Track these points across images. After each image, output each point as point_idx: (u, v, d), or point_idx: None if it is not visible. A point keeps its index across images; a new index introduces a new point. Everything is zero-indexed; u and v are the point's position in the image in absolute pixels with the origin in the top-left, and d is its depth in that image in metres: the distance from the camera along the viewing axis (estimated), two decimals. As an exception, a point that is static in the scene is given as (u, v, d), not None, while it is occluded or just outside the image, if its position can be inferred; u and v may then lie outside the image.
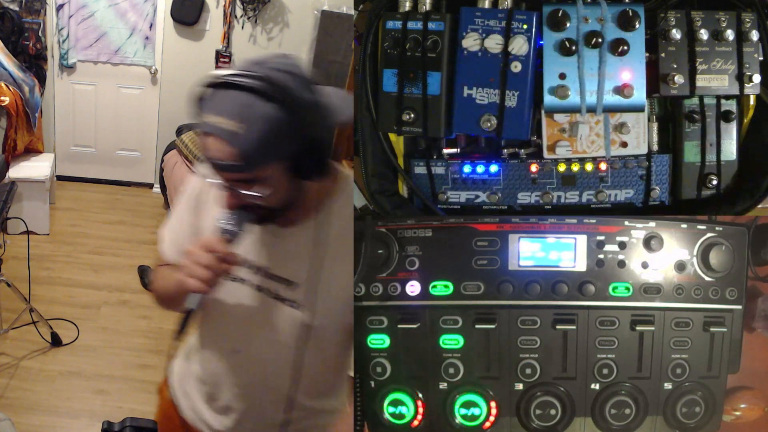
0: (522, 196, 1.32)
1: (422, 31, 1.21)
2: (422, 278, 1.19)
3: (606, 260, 1.17)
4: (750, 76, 1.20)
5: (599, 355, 1.18)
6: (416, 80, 1.23)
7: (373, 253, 1.18)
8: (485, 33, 1.19)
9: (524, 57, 1.18)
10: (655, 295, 1.17)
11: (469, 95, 1.21)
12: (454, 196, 1.33)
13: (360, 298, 1.20)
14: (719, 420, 1.22)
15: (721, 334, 1.18)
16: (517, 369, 1.18)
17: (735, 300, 1.19)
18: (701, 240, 1.18)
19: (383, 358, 1.21)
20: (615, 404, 1.18)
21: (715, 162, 1.29)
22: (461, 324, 1.18)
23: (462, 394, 1.19)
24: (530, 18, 1.17)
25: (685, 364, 1.19)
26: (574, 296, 1.17)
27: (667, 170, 1.30)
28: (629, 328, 1.17)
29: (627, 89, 1.16)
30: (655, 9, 1.19)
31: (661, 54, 1.20)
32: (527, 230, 1.18)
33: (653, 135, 1.30)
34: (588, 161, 1.30)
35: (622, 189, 1.31)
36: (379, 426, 1.23)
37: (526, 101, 1.19)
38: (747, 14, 1.20)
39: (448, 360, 1.19)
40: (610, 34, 1.16)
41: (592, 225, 1.18)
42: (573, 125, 1.26)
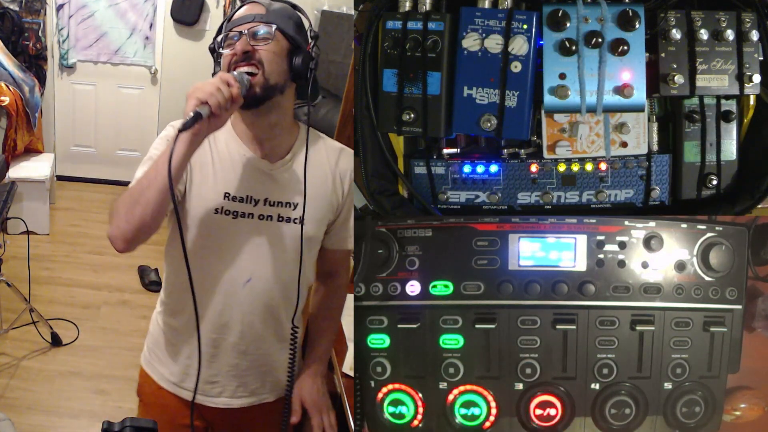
0: (522, 196, 1.32)
1: (422, 31, 1.21)
2: (422, 278, 1.19)
3: (606, 260, 1.17)
4: (750, 76, 1.20)
5: (599, 355, 1.18)
6: (416, 80, 1.23)
7: (373, 253, 1.18)
8: (485, 33, 1.19)
9: (524, 57, 1.18)
10: (655, 295, 1.18)
11: (469, 95, 1.21)
12: (454, 196, 1.34)
13: (360, 298, 1.20)
14: (719, 420, 1.22)
15: (721, 334, 1.18)
16: (517, 369, 1.18)
17: (735, 300, 1.19)
18: (701, 240, 1.18)
19: (383, 358, 1.21)
20: (615, 404, 1.18)
21: (715, 162, 1.29)
22: (461, 324, 1.18)
23: (462, 394, 1.19)
24: (530, 18, 1.17)
25: (685, 364, 1.19)
26: (574, 296, 1.17)
27: (667, 170, 1.30)
28: (629, 328, 1.18)
29: (627, 89, 1.16)
30: (655, 9, 1.19)
31: (661, 54, 1.20)
32: (527, 230, 1.18)
33: (653, 135, 1.30)
34: (588, 161, 1.30)
35: (622, 189, 1.31)
36: (379, 426, 1.23)
37: (526, 101, 1.19)
38: (747, 14, 1.20)
39: (448, 360, 1.19)
40: (610, 34, 1.16)
41: (592, 225, 1.18)
42: (573, 125, 1.26)
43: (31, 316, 3.16)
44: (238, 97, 1.23)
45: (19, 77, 4.36)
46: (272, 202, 1.40)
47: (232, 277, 1.40)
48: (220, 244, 1.38)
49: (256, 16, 1.33)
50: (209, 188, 1.37)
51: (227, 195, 1.37)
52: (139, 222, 1.24)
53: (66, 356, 3.18)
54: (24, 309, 3.15)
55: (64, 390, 2.94)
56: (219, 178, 1.38)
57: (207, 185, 1.37)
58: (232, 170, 1.38)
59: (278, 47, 1.32)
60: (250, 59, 1.29)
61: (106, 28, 5.01)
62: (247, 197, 1.38)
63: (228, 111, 1.22)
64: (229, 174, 1.38)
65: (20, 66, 4.50)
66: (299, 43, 1.35)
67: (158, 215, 1.25)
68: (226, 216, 1.37)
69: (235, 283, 1.41)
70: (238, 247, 1.39)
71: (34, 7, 4.77)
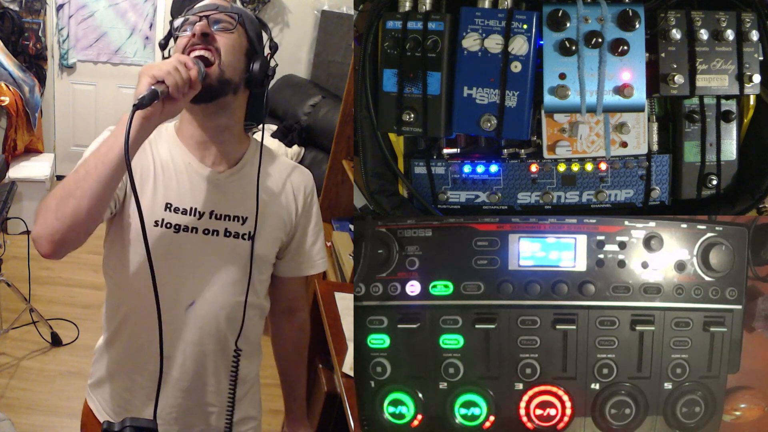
0: (522, 196, 1.32)
1: (422, 31, 1.21)
2: (422, 278, 1.19)
3: (606, 260, 1.17)
4: (750, 76, 1.20)
5: (599, 355, 1.18)
6: (416, 80, 1.23)
7: (373, 253, 1.18)
8: (485, 33, 1.19)
9: (524, 57, 1.18)
10: (655, 295, 1.18)
11: (469, 95, 1.21)
12: (454, 196, 1.34)
13: (360, 298, 1.20)
14: (719, 420, 1.22)
15: (721, 334, 1.18)
16: (517, 369, 1.18)
17: (735, 300, 1.19)
18: (701, 240, 1.18)
19: (383, 358, 1.21)
20: (615, 404, 1.18)
21: (715, 162, 1.29)
22: (461, 324, 1.18)
23: (462, 394, 1.19)
24: (530, 18, 1.17)
25: (685, 364, 1.19)
26: (574, 296, 1.17)
27: (667, 170, 1.30)
28: (629, 328, 1.18)
29: (627, 89, 1.16)
30: (655, 9, 1.19)
31: (661, 54, 1.20)
32: (527, 230, 1.18)
33: (653, 135, 1.30)
34: (588, 161, 1.30)
35: (622, 189, 1.31)
36: (379, 426, 1.23)
37: (526, 101, 1.19)
38: (747, 14, 1.20)
39: (448, 360, 1.19)
40: (610, 34, 1.16)
41: (592, 225, 1.18)
42: (573, 125, 1.26)
43: (31, 316, 3.16)
44: (196, 81, 1.11)
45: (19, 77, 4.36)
46: (219, 215, 1.27)
47: (172, 300, 1.24)
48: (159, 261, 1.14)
49: (219, 6, 1.24)
50: (148, 198, 1.23)
51: (168, 206, 1.24)
52: (71, 218, 1.05)
53: (66, 356, 3.17)
54: (24, 309, 3.15)
55: (64, 390, 2.94)
56: (160, 186, 1.24)
57: (146, 195, 1.23)
58: (174, 178, 1.25)
59: (238, 42, 1.23)
60: (208, 44, 1.19)
61: (106, 28, 5.01)
62: (191, 209, 1.25)
63: (185, 96, 1.09)
64: (172, 182, 1.25)
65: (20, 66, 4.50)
66: (258, 47, 1.28)
67: (95, 211, 1.08)
68: (167, 229, 1.23)
69: (176, 307, 1.26)
70: (179, 266, 1.25)
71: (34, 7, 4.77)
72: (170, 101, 1.07)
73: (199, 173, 1.27)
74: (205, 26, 1.20)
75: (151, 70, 1.05)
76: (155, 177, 1.25)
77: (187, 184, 1.26)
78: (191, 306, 1.27)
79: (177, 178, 1.26)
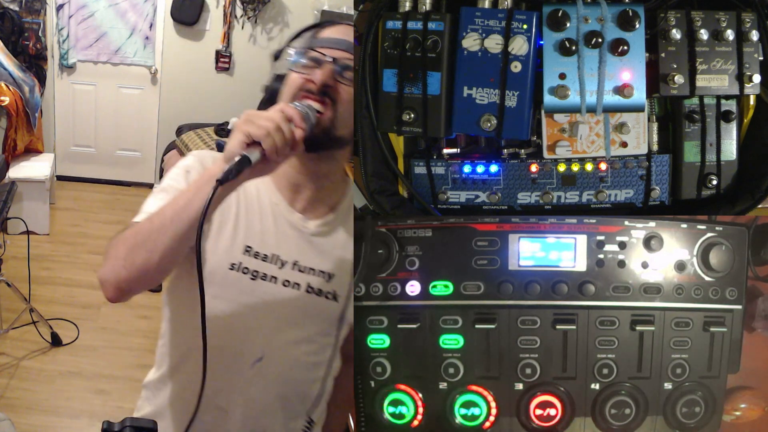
0: (522, 196, 1.32)
1: (422, 31, 1.21)
2: (422, 278, 1.19)
3: (606, 260, 1.17)
4: (750, 76, 1.20)
5: (599, 355, 1.18)
6: (416, 80, 1.23)
7: (373, 253, 1.18)
8: (485, 33, 1.19)
9: (524, 57, 1.18)
10: (655, 295, 1.18)
11: (468, 95, 1.21)
12: (454, 196, 1.34)
13: (360, 298, 1.20)
14: (719, 420, 1.22)
15: (721, 334, 1.18)
16: (517, 369, 1.18)
17: (735, 300, 1.19)
18: (701, 240, 1.18)
19: (383, 358, 1.21)
20: (615, 404, 1.18)
21: (715, 162, 1.29)
22: (461, 324, 1.18)
23: (462, 394, 1.19)
24: (530, 18, 1.17)
25: (685, 364, 1.19)
26: (574, 296, 1.17)
27: (667, 170, 1.30)
28: (629, 328, 1.17)
29: (627, 89, 1.16)
30: (655, 9, 1.19)
31: (661, 54, 1.19)
32: (527, 230, 1.18)
33: (653, 135, 1.30)
34: (588, 161, 1.30)
35: (622, 189, 1.31)
36: (379, 426, 1.23)
37: (526, 101, 1.19)
38: (747, 14, 1.20)
39: (448, 360, 1.19)
40: (610, 34, 1.16)
41: (592, 225, 1.18)
42: (573, 125, 1.26)
43: (31, 316, 3.16)
44: (300, 142, 0.98)
45: (19, 77, 4.36)
46: (302, 268, 1.16)
47: (237, 352, 1.15)
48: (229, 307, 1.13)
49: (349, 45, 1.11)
50: (227, 237, 1.13)
51: (248, 250, 1.14)
52: (140, 270, 1.01)
53: (66, 356, 3.18)
54: (24, 309, 3.15)
55: (64, 390, 2.94)
56: (241, 226, 1.14)
57: (225, 234, 1.13)
58: (258, 219, 1.15)
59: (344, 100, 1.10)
60: (325, 95, 1.07)
61: (106, 28, 5.02)
62: (272, 256, 1.14)
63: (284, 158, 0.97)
64: (254, 223, 1.15)
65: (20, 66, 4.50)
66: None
67: (165, 267, 1.02)
68: (244, 274, 1.13)
69: (242, 360, 1.16)
70: (251, 316, 1.14)
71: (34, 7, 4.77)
72: (264, 161, 0.95)
73: (286, 218, 1.17)
74: (330, 75, 1.08)
75: (248, 126, 0.93)
76: (237, 215, 1.15)
77: (271, 227, 1.16)
78: (258, 361, 1.16)
79: (261, 219, 1.16)
